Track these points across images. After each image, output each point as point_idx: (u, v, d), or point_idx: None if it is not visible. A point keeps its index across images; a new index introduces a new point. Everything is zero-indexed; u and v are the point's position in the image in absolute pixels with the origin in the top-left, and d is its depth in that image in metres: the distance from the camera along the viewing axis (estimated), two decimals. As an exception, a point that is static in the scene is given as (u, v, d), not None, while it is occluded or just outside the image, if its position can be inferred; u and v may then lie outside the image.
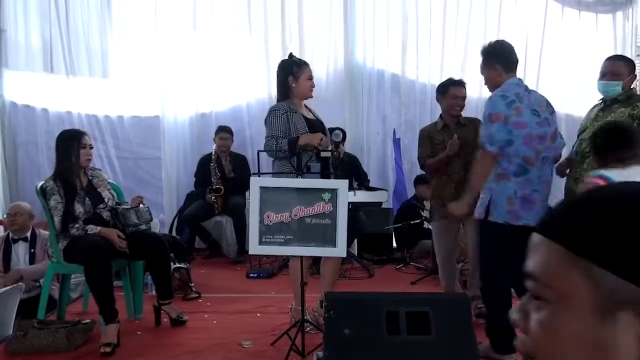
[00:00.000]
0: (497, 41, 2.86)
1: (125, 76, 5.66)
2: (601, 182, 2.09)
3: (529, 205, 2.60)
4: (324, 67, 5.69)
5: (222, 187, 5.14)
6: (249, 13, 5.59)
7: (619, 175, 2.16)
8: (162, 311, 3.28)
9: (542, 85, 5.71)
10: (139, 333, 3.17)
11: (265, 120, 3.19)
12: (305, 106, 3.29)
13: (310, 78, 3.20)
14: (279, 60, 3.42)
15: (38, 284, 3.46)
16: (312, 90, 3.21)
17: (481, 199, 2.68)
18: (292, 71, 3.16)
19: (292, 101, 3.18)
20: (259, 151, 3.04)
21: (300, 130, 3.05)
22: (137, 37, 5.65)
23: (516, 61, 2.73)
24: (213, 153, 5.26)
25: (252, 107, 5.61)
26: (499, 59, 2.70)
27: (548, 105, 2.73)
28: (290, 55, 3.32)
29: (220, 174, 5.18)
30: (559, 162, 2.96)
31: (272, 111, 3.15)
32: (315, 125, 3.18)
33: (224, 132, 5.25)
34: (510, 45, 2.78)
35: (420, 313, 2.33)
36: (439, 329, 2.29)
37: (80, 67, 5.51)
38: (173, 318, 3.26)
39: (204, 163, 5.33)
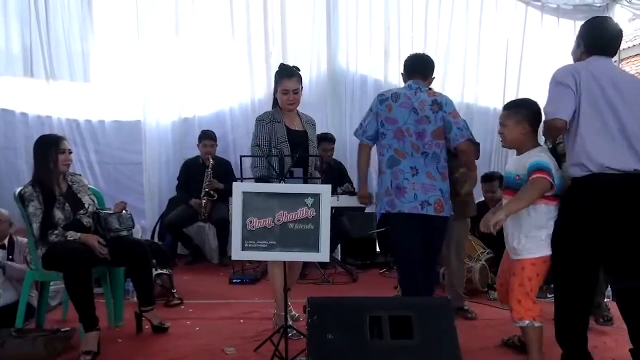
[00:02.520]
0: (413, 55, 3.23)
1: (107, 80, 5.61)
2: None
3: (401, 193, 2.94)
4: (307, 72, 5.68)
5: (215, 193, 5.12)
6: (231, 17, 5.58)
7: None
8: (143, 318, 3.24)
9: (522, 89, 5.83)
10: (120, 341, 3.13)
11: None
12: (299, 114, 3.31)
13: (286, 92, 3.17)
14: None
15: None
16: (289, 104, 3.19)
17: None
18: (275, 82, 3.26)
19: (278, 110, 3.24)
20: (241, 156, 3.03)
21: (280, 139, 3.14)
22: (119, 41, 5.60)
23: (419, 70, 3.09)
24: (200, 159, 5.24)
25: (235, 111, 5.60)
26: (404, 68, 3.17)
27: (434, 104, 2.95)
28: (281, 65, 3.33)
29: (212, 180, 5.16)
30: None
31: (258, 121, 3.23)
32: (295, 136, 3.21)
33: (207, 139, 5.23)
34: (419, 59, 3.16)
35: (403, 317, 2.34)
36: (422, 333, 2.30)
37: (61, 71, 5.44)
38: (155, 325, 3.22)
39: (189, 166, 5.30)
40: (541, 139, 2.85)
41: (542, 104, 2.56)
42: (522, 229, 2.59)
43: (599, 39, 2.52)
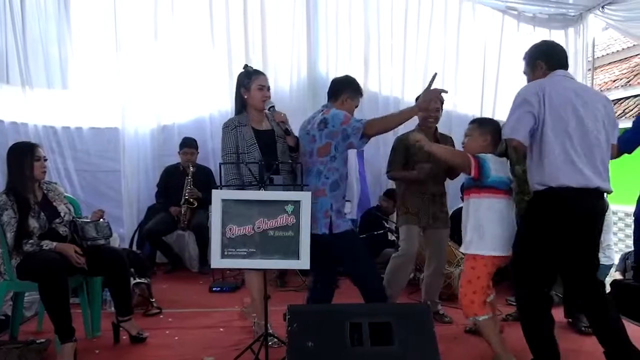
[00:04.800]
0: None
1: (85, 87, 5.53)
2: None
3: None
4: (287, 79, 5.71)
5: (195, 201, 5.08)
6: (211, 24, 5.57)
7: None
8: (121, 328, 3.19)
9: (499, 96, 5.92)
10: (97, 352, 3.07)
11: None
12: (267, 116, 3.24)
13: (262, 88, 3.13)
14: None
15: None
16: (264, 100, 3.14)
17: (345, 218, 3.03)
18: (243, 83, 3.17)
19: (245, 114, 3.18)
20: (220, 163, 3.01)
21: (248, 142, 3.10)
22: (97, 47, 5.53)
23: (332, 93, 3.13)
24: (181, 166, 5.21)
25: (215, 119, 5.56)
26: (328, 93, 3.18)
27: (320, 123, 2.92)
28: (245, 66, 3.28)
29: (192, 188, 5.12)
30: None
31: (224, 128, 3.17)
32: (264, 135, 3.16)
33: (187, 147, 5.20)
34: (335, 81, 3.21)
35: (383, 324, 2.35)
36: (402, 339, 2.31)
37: (38, 77, 5.34)
38: (133, 335, 3.18)
39: (169, 174, 5.26)
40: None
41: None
42: (473, 223, 2.77)
43: (557, 55, 2.69)
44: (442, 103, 3.66)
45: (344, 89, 3.10)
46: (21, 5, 5.26)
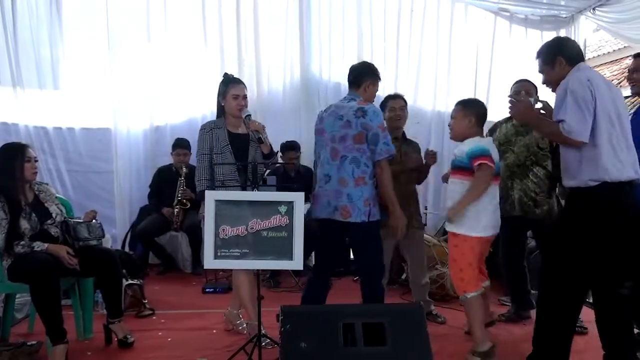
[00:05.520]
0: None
1: (76, 87, 5.49)
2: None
3: (314, 200, 3.03)
4: (280, 80, 5.70)
5: (187, 202, 5.06)
6: (204, 24, 5.54)
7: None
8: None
9: (492, 97, 5.94)
10: (89, 354, 3.06)
11: None
12: (245, 122, 3.30)
13: (236, 97, 3.23)
14: (238, 72, 3.43)
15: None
16: (239, 108, 3.24)
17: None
18: (220, 91, 3.31)
19: (223, 119, 3.31)
20: (213, 164, 3.01)
21: (222, 144, 3.21)
22: (89, 47, 5.49)
23: (354, 81, 3.10)
24: (174, 167, 5.19)
25: (207, 119, 5.48)
26: (348, 83, 3.17)
27: (358, 110, 2.92)
28: (224, 74, 3.39)
29: (185, 189, 5.10)
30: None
31: (201, 130, 3.32)
32: (239, 139, 3.27)
33: (180, 147, 5.18)
34: (351, 70, 3.18)
35: (376, 324, 2.35)
36: (395, 340, 2.31)
37: (29, 78, 5.29)
38: (119, 338, 3.15)
39: (162, 174, 5.24)
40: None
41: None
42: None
43: (576, 48, 2.68)
44: (406, 104, 3.75)
45: (365, 76, 3.10)
46: (12, 6, 5.21)
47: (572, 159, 2.52)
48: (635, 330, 3.15)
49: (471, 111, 2.97)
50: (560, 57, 2.63)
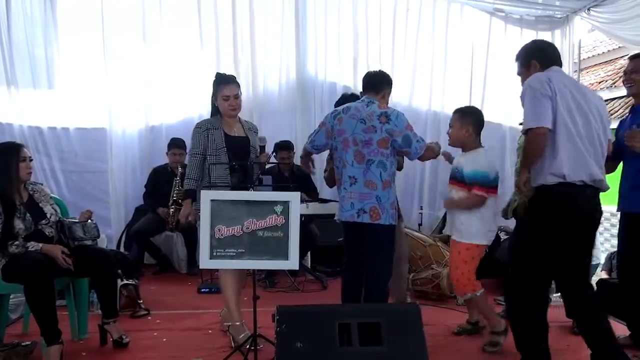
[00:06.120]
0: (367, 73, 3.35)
1: (71, 87, 5.47)
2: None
3: (341, 202, 3.10)
4: (276, 80, 5.71)
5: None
6: (200, 24, 5.54)
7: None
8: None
9: (487, 97, 5.96)
10: (84, 354, 3.04)
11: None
12: (241, 121, 3.32)
13: (227, 98, 3.21)
14: (234, 72, 3.42)
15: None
16: (231, 109, 3.23)
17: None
18: (213, 91, 3.30)
19: (218, 118, 3.29)
20: (209, 164, 3.00)
21: (218, 146, 3.19)
22: (84, 47, 5.47)
23: (373, 86, 3.19)
24: (169, 167, 5.18)
25: (203, 119, 5.53)
26: (364, 86, 3.26)
27: (381, 116, 3.00)
28: (216, 74, 3.36)
29: (180, 189, 5.08)
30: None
31: (195, 128, 3.29)
32: (235, 142, 3.24)
33: (176, 147, 5.16)
34: (370, 75, 3.28)
35: (372, 324, 2.35)
36: (391, 340, 2.32)
37: (24, 77, 5.28)
38: (114, 339, 3.13)
39: (157, 174, 5.22)
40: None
41: (509, 110, 2.69)
42: (462, 215, 3.10)
43: (551, 53, 2.70)
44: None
45: (385, 85, 3.21)
46: (6, 6, 5.19)
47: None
48: (628, 332, 3.19)
49: (468, 121, 3.10)
50: (534, 60, 2.66)
